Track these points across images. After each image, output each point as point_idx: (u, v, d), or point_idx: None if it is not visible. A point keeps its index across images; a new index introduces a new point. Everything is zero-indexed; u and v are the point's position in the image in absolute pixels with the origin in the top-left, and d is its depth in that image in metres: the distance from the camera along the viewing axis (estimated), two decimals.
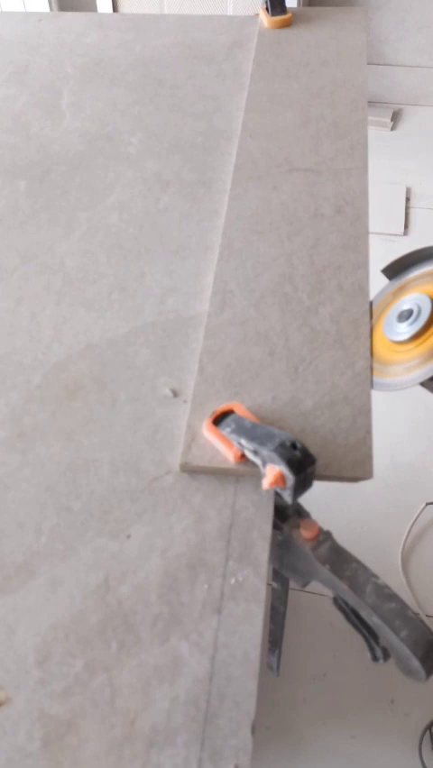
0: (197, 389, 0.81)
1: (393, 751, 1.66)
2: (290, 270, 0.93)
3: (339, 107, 1.15)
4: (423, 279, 0.88)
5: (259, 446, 0.70)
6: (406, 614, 0.71)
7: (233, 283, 0.92)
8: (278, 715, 1.73)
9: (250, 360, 0.84)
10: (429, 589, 1.90)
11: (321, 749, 1.66)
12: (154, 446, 0.79)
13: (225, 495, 0.75)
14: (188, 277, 0.95)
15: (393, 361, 0.84)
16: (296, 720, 1.68)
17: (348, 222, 0.98)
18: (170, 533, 0.72)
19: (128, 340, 0.88)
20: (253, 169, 1.06)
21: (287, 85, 1.20)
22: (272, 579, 0.91)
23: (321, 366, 0.83)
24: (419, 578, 1.90)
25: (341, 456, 0.75)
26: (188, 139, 1.14)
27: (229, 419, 0.76)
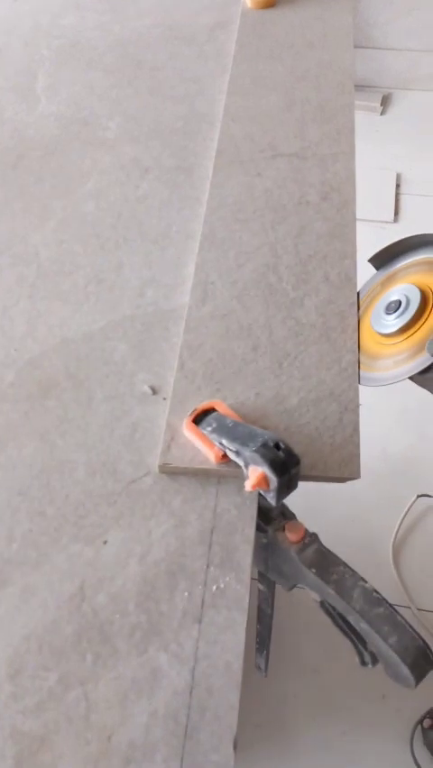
0: (177, 386, 0.78)
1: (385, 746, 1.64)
2: (275, 260, 0.89)
3: (325, 90, 1.11)
4: (412, 269, 0.84)
5: (241, 446, 0.67)
6: (395, 619, 0.68)
7: (214, 274, 0.88)
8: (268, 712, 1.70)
9: (232, 355, 0.80)
10: (421, 581, 1.87)
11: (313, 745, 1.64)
12: (132, 446, 0.75)
13: (206, 497, 0.71)
14: (168, 268, 0.91)
15: (381, 355, 0.81)
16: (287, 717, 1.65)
17: (334, 209, 0.94)
18: (148, 538, 0.69)
19: (105, 334, 0.85)
20: (236, 155, 1.02)
21: (271, 67, 1.16)
22: (259, 581, 0.88)
23: (307, 361, 0.79)
24: (411, 571, 1.87)
25: (327, 455, 0.72)
26: (168, 123, 1.10)
27: (210, 417, 0.73)
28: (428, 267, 0.82)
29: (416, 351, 0.77)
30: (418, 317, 0.79)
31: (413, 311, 0.78)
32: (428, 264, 0.83)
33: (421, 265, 0.83)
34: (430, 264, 0.82)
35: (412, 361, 0.77)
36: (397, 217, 2.80)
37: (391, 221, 2.79)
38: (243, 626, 0.64)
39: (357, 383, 0.78)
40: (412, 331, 0.79)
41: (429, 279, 0.81)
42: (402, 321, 0.79)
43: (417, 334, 0.79)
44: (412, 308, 0.79)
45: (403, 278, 0.84)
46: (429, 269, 0.82)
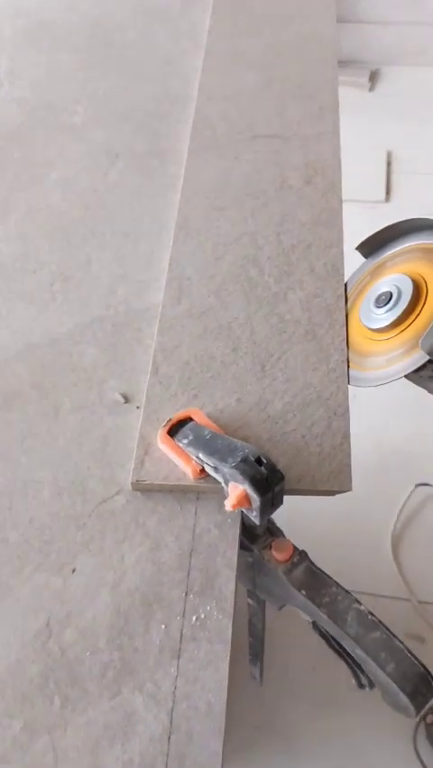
0: (150, 393, 0.71)
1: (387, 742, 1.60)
2: (255, 252, 0.82)
3: (306, 65, 1.04)
4: (402, 257, 0.78)
5: (219, 462, 0.60)
6: (392, 644, 0.62)
7: (190, 268, 0.81)
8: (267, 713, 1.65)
9: (210, 357, 0.74)
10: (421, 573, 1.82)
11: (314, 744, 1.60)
12: (103, 461, 0.69)
13: (184, 516, 0.65)
14: (141, 262, 0.84)
15: (372, 352, 0.74)
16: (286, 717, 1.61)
17: (319, 193, 0.88)
18: (121, 564, 0.63)
19: (73, 338, 0.78)
20: (212, 138, 0.95)
21: (248, 42, 1.08)
22: (248, 596, 0.82)
23: (291, 361, 0.73)
24: (411, 562, 1.82)
25: (315, 466, 0.66)
26: (139, 105, 1.03)
27: (187, 428, 0.66)
28: (419, 254, 0.76)
29: (410, 347, 0.71)
30: (410, 310, 0.72)
31: (405, 303, 0.72)
32: (420, 251, 0.76)
33: (412, 252, 0.77)
34: (422, 251, 0.76)
35: (406, 358, 0.70)
36: (389, 196, 2.72)
37: (383, 200, 2.72)
38: (226, 661, 0.58)
39: (347, 385, 0.72)
40: (405, 325, 0.72)
41: (421, 268, 0.74)
42: (394, 315, 0.72)
43: (410, 329, 0.72)
44: (404, 300, 0.72)
45: (393, 267, 0.77)
46: (421, 257, 0.75)
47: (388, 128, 2.95)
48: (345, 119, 1.05)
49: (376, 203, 2.70)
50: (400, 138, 2.90)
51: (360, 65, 3.14)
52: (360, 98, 3.08)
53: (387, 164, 2.80)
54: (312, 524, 1.31)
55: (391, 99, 3.08)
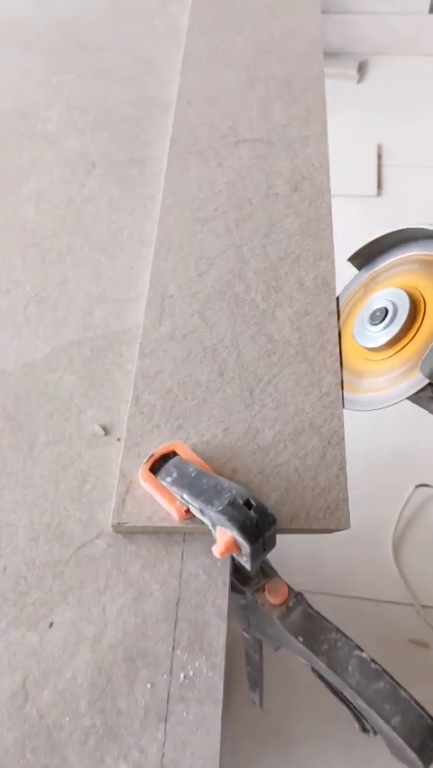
0: (131, 424, 0.66)
1: None
2: (241, 266, 0.77)
3: (291, 62, 0.98)
4: (397, 269, 0.73)
5: (205, 505, 0.55)
6: (398, 695, 0.58)
7: (172, 286, 0.76)
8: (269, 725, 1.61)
9: (195, 382, 0.69)
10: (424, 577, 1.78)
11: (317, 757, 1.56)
12: (81, 501, 0.64)
13: (169, 561, 0.60)
14: (120, 280, 0.79)
15: (369, 372, 0.69)
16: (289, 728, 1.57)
17: (307, 201, 0.82)
18: (102, 616, 0.58)
19: (48, 364, 0.73)
20: (193, 143, 0.90)
21: (229, 39, 1.03)
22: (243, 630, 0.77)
23: (281, 386, 0.68)
24: (413, 566, 1.78)
25: (310, 502, 0.61)
26: (116, 110, 0.97)
27: (170, 464, 0.61)
28: (415, 266, 0.71)
29: (408, 368, 0.66)
30: (408, 327, 0.67)
31: (402, 320, 0.67)
32: (416, 263, 0.71)
33: (407, 264, 0.72)
34: (418, 263, 0.71)
35: (405, 380, 0.65)
36: (380, 190, 2.67)
37: (375, 194, 2.67)
38: (217, 724, 0.53)
39: (341, 410, 0.67)
40: (402, 343, 0.67)
41: (418, 281, 0.69)
42: (390, 333, 0.67)
43: (409, 347, 0.67)
44: (401, 317, 0.67)
45: (388, 280, 0.72)
46: (417, 269, 0.70)
47: (377, 120, 2.90)
48: (334, 112, 1.01)
49: (368, 197, 2.65)
50: (390, 130, 2.85)
51: (348, 56, 3.08)
52: (349, 90, 3.02)
53: (378, 157, 2.75)
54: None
55: (380, 90, 3.03)
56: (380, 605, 1.76)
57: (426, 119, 2.85)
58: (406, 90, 2.99)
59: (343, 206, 2.44)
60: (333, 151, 0.89)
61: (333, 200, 0.83)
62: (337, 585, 1.79)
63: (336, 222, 0.82)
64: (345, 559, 1.80)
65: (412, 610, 1.74)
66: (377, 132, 2.83)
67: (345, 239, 0.78)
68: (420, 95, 2.96)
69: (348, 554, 1.83)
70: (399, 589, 1.77)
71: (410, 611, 1.75)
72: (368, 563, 1.84)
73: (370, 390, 0.68)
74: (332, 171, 0.87)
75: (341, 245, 0.79)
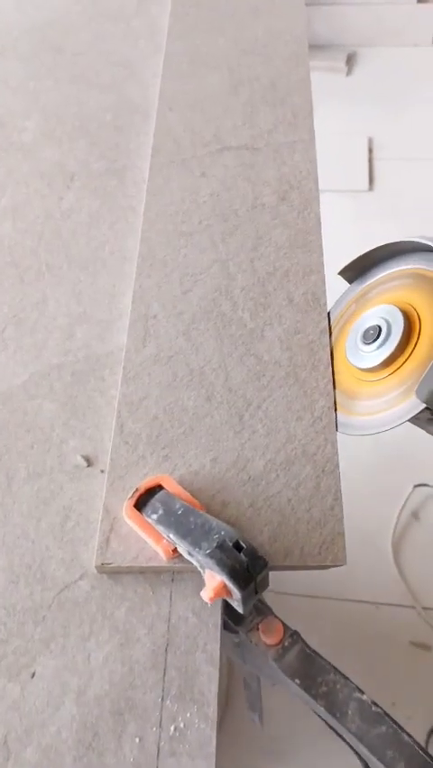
0: (115, 455, 0.63)
1: None
2: (227, 282, 0.74)
3: (276, 64, 0.95)
4: (389, 285, 0.69)
5: (192, 547, 0.52)
6: (401, 740, 0.55)
7: (156, 305, 0.73)
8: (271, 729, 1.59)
9: (182, 408, 0.65)
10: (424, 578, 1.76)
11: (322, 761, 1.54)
12: (64, 539, 0.60)
13: (157, 603, 0.57)
14: (102, 299, 0.76)
15: (363, 394, 0.66)
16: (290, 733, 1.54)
17: (295, 212, 0.79)
18: (87, 665, 0.55)
19: (28, 391, 0.69)
20: (176, 151, 0.86)
21: (211, 41, 0.99)
22: None
23: (272, 410, 0.65)
24: (413, 567, 1.76)
25: (304, 537, 0.58)
26: (94, 117, 0.93)
27: (156, 500, 0.58)
28: (408, 281, 0.67)
29: (404, 391, 0.63)
30: (403, 346, 0.64)
31: (396, 340, 0.64)
32: (409, 277, 0.67)
33: (400, 279, 0.68)
34: (412, 277, 0.67)
35: (400, 403, 0.62)
36: (372, 185, 2.63)
37: (366, 189, 2.63)
38: None
39: (335, 435, 0.63)
40: (397, 364, 0.64)
41: (412, 297, 0.66)
42: (384, 353, 0.64)
43: (405, 367, 0.64)
44: (395, 336, 0.64)
45: (381, 295, 0.69)
46: (410, 284, 0.67)
47: (367, 113, 2.85)
48: (323, 106, 0.97)
49: (359, 192, 2.62)
50: (380, 123, 2.81)
51: (336, 48, 3.04)
52: (337, 83, 2.98)
53: (368, 151, 2.71)
54: None
55: (369, 83, 2.99)
56: (380, 607, 1.74)
57: (416, 111, 2.81)
58: (396, 82, 2.94)
59: (334, 202, 2.40)
60: (323, 146, 0.86)
61: (323, 196, 0.80)
62: (337, 588, 1.76)
63: (328, 218, 0.79)
64: None
65: (413, 612, 1.72)
66: (367, 126, 2.79)
67: (338, 235, 0.74)
68: (410, 86, 2.92)
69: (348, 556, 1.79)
70: (399, 591, 1.75)
71: (411, 613, 1.73)
72: (367, 565, 1.81)
73: (365, 413, 0.65)
74: (322, 167, 0.83)
75: (333, 242, 0.75)
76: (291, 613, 1.78)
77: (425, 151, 2.71)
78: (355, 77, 3.01)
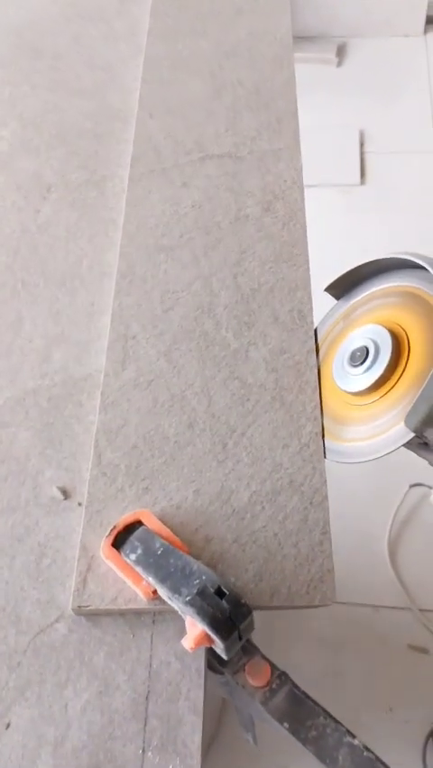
0: (93, 488, 0.60)
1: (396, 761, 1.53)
2: (210, 299, 0.71)
3: (260, 67, 0.91)
4: (376, 303, 0.66)
5: (172, 593, 0.49)
6: None
7: (136, 325, 0.70)
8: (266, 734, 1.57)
9: (162, 436, 0.63)
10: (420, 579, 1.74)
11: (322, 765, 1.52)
12: (39, 579, 0.58)
13: (138, 646, 0.54)
14: (80, 318, 0.73)
15: (352, 419, 0.63)
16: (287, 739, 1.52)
17: (280, 223, 0.76)
18: (64, 715, 0.52)
19: (1, 418, 0.67)
20: (156, 160, 0.83)
21: (193, 43, 0.95)
22: None
23: (257, 437, 0.62)
24: (409, 568, 1.73)
25: (291, 575, 0.55)
26: (73, 125, 0.90)
27: (135, 537, 0.55)
28: (396, 299, 0.64)
29: (396, 414, 0.60)
30: (392, 368, 0.61)
31: (385, 362, 0.61)
32: (397, 295, 0.64)
33: (388, 297, 0.65)
34: (399, 295, 0.64)
35: (390, 430, 0.59)
36: (364, 179, 2.60)
37: (358, 183, 2.59)
38: None
39: (323, 464, 0.61)
40: (387, 387, 0.61)
41: (400, 316, 0.63)
42: (372, 376, 0.61)
43: (394, 391, 0.61)
44: (383, 358, 0.61)
45: (367, 315, 0.66)
46: (398, 302, 0.64)
47: (359, 105, 2.81)
48: (314, 98, 0.94)
49: (351, 186, 2.58)
50: (372, 115, 2.77)
51: (326, 40, 2.99)
52: (328, 75, 2.93)
53: (360, 144, 2.67)
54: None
55: (360, 74, 2.94)
56: (377, 610, 1.72)
57: (408, 102, 2.77)
58: (387, 73, 2.90)
59: (325, 197, 2.37)
60: (313, 140, 0.82)
61: (314, 191, 0.77)
62: None
63: (319, 214, 0.76)
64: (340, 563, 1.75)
65: (410, 614, 1.70)
66: (358, 118, 2.75)
67: (329, 231, 0.71)
68: (402, 77, 2.88)
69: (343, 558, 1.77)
70: (396, 593, 1.73)
71: (408, 615, 1.71)
72: (363, 567, 1.80)
73: (354, 440, 0.62)
74: (313, 160, 0.80)
75: (325, 239, 0.72)
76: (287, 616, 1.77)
77: (418, 144, 2.68)
78: (346, 69, 2.97)
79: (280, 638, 1.62)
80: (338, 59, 2.95)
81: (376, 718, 1.61)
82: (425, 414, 0.53)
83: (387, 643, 1.66)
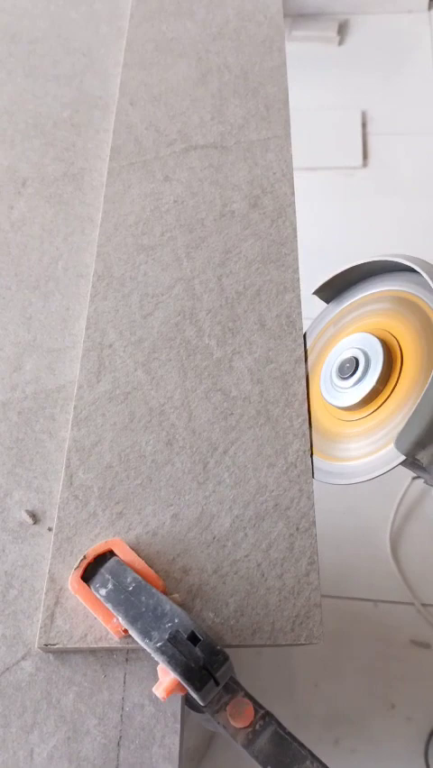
0: (63, 513, 0.56)
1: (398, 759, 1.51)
2: (192, 303, 0.66)
3: (248, 50, 0.85)
4: (366, 309, 0.61)
5: (142, 636, 0.45)
6: None
7: (113, 332, 0.65)
8: None
9: (139, 455, 0.58)
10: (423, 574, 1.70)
11: None
12: (5, 612, 0.54)
13: (109, 687, 0.50)
14: (54, 324, 0.68)
15: (342, 436, 0.58)
16: None
17: (268, 220, 0.71)
18: (29, 763, 0.48)
19: None
20: (137, 152, 0.78)
21: (178, 25, 0.90)
22: None
23: (241, 456, 0.57)
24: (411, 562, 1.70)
25: (274, 609, 0.51)
26: (50, 114, 0.85)
27: (106, 569, 0.51)
28: (387, 305, 0.59)
29: (389, 431, 0.55)
30: (384, 380, 0.56)
31: (376, 373, 0.56)
32: (389, 301, 0.60)
33: (379, 302, 0.60)
34: (391, 300, 0.59)
35: (384, 448, 0.55)
36: (366, 161, 2.53)
37: (360, 166, 2.53)
38: None
39: (311, 484, 0.56)
40: (379, 401, 0.56)
41: (391, 323, 0.58)
42: (364, 389, 0.56)
43: (386, 405, 0.56)
44: (375, 369, 0.56)
45: (357, 322, 0.61)
46: (389, 309, 0.59)
47: (361, 85, 2.74)
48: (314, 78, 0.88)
49: (353, 169, 2.51)
50: (374, 95, 2.70)
51: (327, 17, 2.91)
52: (329, 54, 2.85)
53: (362, 125, 2.60)
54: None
55: (362, 53, 2.86)
56: (379, 605, 1.69)
57: (412, 81, 2.70)
58: (390, 51, 2.82)
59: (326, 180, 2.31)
60: (314, 121, 0.77)
61: (314, 174, 0.72)
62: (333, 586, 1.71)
63: (320, 197, 0.71)
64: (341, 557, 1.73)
65: (412, 609, 1.68)
66: (361, 98, 2.68)
67: (330, 216, 0.66)
68: (405, 55, 2.80)
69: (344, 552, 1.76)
70: (398, 588, 1.70)
71: (410, 610, 1.69)
72: (365, 560, 1.77)
73: (344, 459, 0.57)
74: (314, 143, 0.75)
75: (326, 223, 0.67)
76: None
77: (422, 125, 2.61)
78: (347, 47, 2.89)
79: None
80: (339, 37, 2.87)
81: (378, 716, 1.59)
82: (417, 436, 0.49)
83: (389, 638, 1.63)
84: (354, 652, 1.65)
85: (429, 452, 0.50)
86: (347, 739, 1.57)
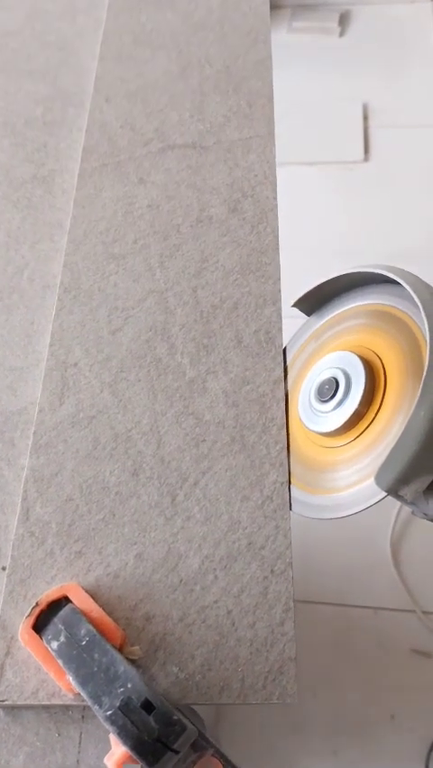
0: (17, 552, 0.51)
1: None
2: (165, 318, 0.61)
3: (232, 43, 0.80)
4: (347, 324, 0.56)
5: (92, 701, 0.40)
6: None
7: (78, 350, 0.60)
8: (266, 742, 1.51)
9: (102, 486, 0.53)
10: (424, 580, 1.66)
11: None
12: None
13: (63, 749, 0.46)
14: (17, 340, 0.63)
15: (324, 464, 0.53)
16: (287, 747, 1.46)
17: (248, 226, 0.66)
18: None
19: None
20: (110, 152, 0.73)
21: (158, 15, 0.84)
22: None
23: (212, 488, 0.52)
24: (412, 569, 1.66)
25: (245, 664, 0.46)
26: (21, 112, 0.80)
27: (59, 618, 0.46)
28: (369, 320, 0.54)
29: (372, 461, 0.50)
30: (367, 402, 0.51)
31: (359, 394, 0.51)
32: (371, 315, 0.54)
33: (360, 317, 0.55)
34: (373, 315, 0.54)
35: (367, 480, 0.50)
36: (367, 155, 2.47)
37: (361, 160, 2.47)
38: None
39: (288, 521, 0.51)
40: (363, 426, 0.51)
41: (373, 340, 0.53)
42: (345, 412, 0.51)
43: (372, 428, 0.51)
44: (357, 390, 0.51)
45: (337, 339, 0.56)
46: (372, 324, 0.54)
47: (362, 77, 2.68)
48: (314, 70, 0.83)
49: (354, 163, 2.45)
50: (376, 88, 2.64)
51: (328, 7, 2.85)
52: (330, 45, 2.79)
53: (363, 118, 2.54)
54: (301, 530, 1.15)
55: (363, 44, 2.80)
56: (379, 612, 1.65)
57: (415, 73, 2.64)
58: (392, 42, 2.76)
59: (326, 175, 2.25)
60: (314, 115, 0.72)
61: (315, 168, 0.68)
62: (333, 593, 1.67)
63: (320, 192, 0.66)
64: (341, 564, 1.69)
65: (413, 617, 1.63)
66: (362, 91, 2.62)
67: (331, 210, 0.61)
68: (407, 46, 2.74)
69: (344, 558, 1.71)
70: (398, 595, 1.65)
71: (411, 618, 1.64)
72: (365, 567, 1.73)
73: (326, 490, 0.52)
74: (314, 136, 0.70)
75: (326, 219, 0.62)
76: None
77: (425, 117, 2.54)
78: (349, 39, 2.82)
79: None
80: (341, 28, 2.81)
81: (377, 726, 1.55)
82: (398, 473, 0.44)
83: (389, 647, 1.59)
84: (354, 660, 1.61)
85: (413, 489, 0.45)
86: (346, 750, 1.54)
